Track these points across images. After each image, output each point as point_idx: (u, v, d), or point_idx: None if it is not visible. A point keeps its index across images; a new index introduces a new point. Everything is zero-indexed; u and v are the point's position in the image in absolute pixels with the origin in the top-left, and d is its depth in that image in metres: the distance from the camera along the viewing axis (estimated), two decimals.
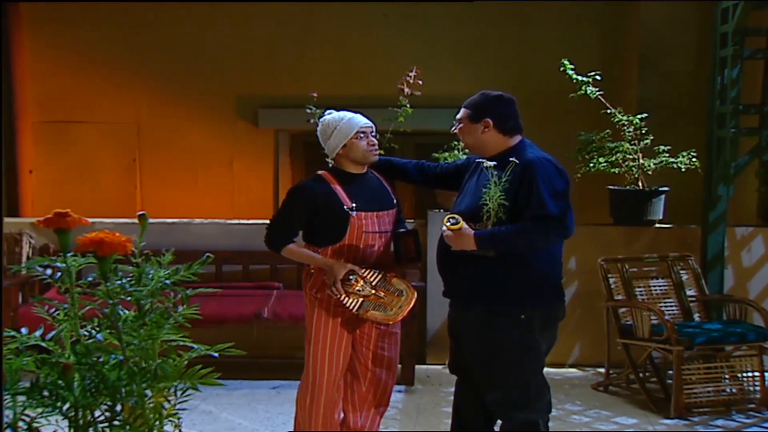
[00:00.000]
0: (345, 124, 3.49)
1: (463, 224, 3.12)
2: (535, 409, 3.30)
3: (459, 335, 3.41)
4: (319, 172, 3.57)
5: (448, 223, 3.13)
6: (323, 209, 3.45)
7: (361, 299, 3.35)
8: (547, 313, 3.28)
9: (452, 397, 5.01)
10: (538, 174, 3.11)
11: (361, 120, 3.53)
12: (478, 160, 3.32)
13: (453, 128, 3.44)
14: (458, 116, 3.38)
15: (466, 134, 3.35)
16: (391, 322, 3.47)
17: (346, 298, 3.34)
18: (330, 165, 3.65)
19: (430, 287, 5.65)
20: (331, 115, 3.57)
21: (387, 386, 3.69)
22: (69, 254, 2.22)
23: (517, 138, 3.31)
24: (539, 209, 3.08)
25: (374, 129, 3.56)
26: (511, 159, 3.16)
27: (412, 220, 5.72)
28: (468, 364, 3.40)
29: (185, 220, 6.06)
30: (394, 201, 3.62)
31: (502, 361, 3.25)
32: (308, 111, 5.28)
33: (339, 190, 3.48)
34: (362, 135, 3.49)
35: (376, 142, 3.53)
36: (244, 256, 5.70)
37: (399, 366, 5.30)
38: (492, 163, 3.17)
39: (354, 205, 3.45)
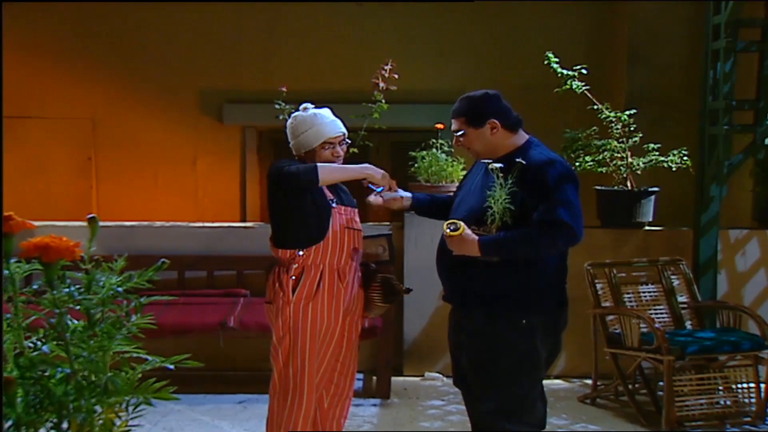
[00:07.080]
0: (317, 130, 3.51)
1: (464, 230, 3.12)
2: (527, 423, 3.30)
3: (457, 342, 3.41)
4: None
5: (448, 230, 3.13)
6: (310, 197, 3.44)
7: None
8: (549, 320, 3.28)
9: (431, 411, 5.05)
10: (547, 176, 3.11)
11: (333, 129, 3.54)
12: (482, 161, 3.30)
13: (455, 139, 3.41)
14: (454, 127, 3.35)
15: (474, 142, 3.31)
16: None
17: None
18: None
19: (407, 296, 5.64)
20: (308, 112, 3.58)
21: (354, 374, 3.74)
22: (12, 260, 2.19)
23: (523, 136, 3.32)
24: (548, 215, 3.07)
25: (345, 136, 3.60)
26: (518, 160, 3.16)
27: (388, 224, 5.72)
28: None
29: (145, 222, 6.01)
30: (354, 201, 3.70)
31: (499, 368, 3.25)
32: (277, 106, 5.27)
33: None
34: (329, 146, 3.53)
35: (341, 153, 3.57)
36: (209, 261, 5.67)
37: (374, 378, 5.37)
38: (499, 165, 3.15)
39: (332, 197, 3.53)
